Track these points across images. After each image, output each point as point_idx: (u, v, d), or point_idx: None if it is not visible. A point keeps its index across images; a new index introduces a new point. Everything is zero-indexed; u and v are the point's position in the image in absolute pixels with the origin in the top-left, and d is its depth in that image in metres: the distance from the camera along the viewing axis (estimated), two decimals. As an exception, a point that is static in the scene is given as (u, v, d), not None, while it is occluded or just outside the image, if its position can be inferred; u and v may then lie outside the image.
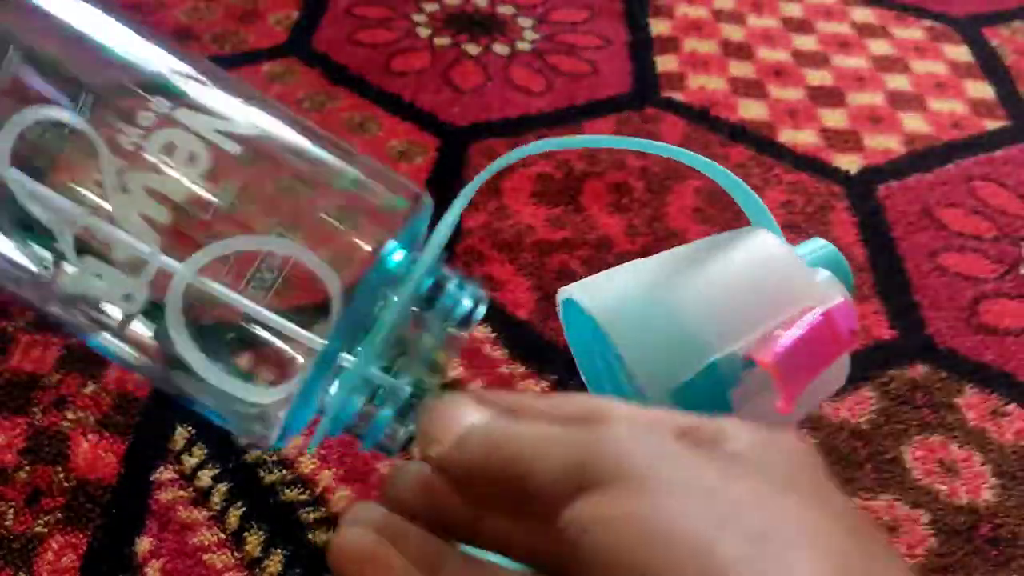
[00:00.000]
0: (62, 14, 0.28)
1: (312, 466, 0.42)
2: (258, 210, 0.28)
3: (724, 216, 0.57)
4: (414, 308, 0.28)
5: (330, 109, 0.65)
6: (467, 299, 0.30)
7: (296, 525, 0.40)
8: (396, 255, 0.28)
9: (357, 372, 0.27)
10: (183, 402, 0.30)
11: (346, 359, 0.27)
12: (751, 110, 0.68)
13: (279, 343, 0.27)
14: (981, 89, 0.71)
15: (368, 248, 0.27)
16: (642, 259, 0.33)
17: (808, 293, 0.30)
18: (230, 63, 0.69)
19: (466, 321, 0.29)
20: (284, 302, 0.27)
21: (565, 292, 0.32)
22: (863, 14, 0.80)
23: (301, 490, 0.42)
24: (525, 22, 0.76)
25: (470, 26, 0.75)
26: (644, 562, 0.16)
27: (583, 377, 0.36)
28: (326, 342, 0.27)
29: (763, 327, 0.29)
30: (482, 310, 0.30)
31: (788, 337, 0.28)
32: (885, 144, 0.65)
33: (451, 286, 0.29)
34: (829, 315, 0.29)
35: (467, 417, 0.23)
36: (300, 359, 0.27)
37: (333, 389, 0.28)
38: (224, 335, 0.28)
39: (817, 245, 0.34)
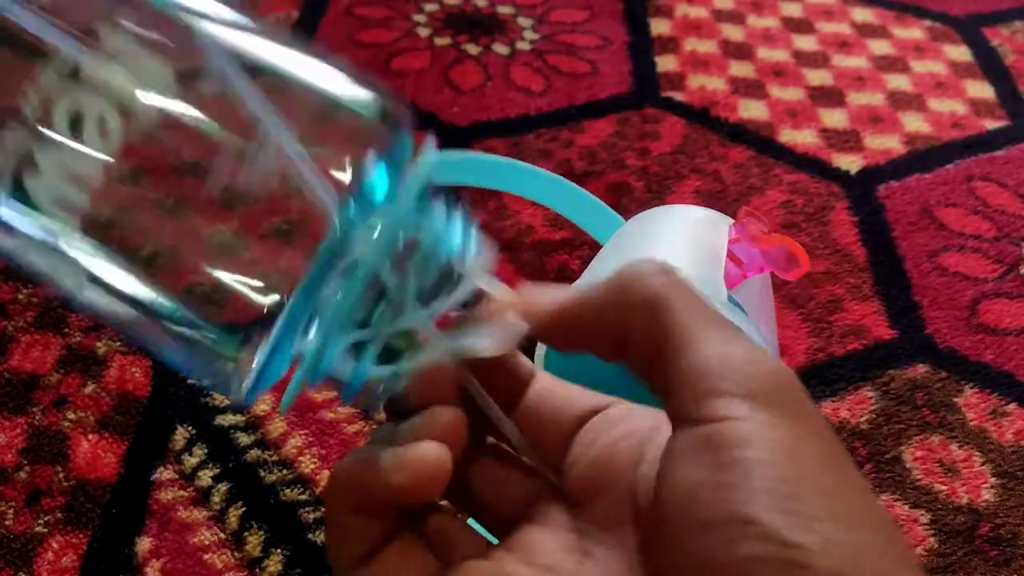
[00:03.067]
0: None
1: (312, 466, 0.42)
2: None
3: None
4: (401, 245, 0.25)
5: (330, 109, 0.65)
6: (456, 227, 0.26)
7: (296, 525, 0.40)
8: (376, 182, 0.25)
9: (334, 315, 0.24)
10: (152, 352, 0.26)
11: (323, 304, 0.24)
12: (751, 110, 0.67)
13: (251, 289, 0.24)
14: (981, 89, 0.71)
15: (346, 176, 0.24)
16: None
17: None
18: (230, 63, 0.69)
19: (460, 253, 0.26)
20: (254, 243, 0.24)
21: None
22: (863, 14, 0.80)
23: (301, 490, 0.42)
24: (525, 22, 0.76)
25: (470, 26, 0.75)
26: None
27: None
28: (297, 288, 0.23)
29: None
30: (474, 241, 0.26)
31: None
32: (885, 144, 0.65)
33: (437, 222, 0.26)
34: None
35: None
36: (273, 302, 0.23)
37: (311, 336, 0.24)
38: (192, 282, 0.24)
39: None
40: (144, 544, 0.39)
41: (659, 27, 0.77)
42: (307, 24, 0.74)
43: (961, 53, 0.75)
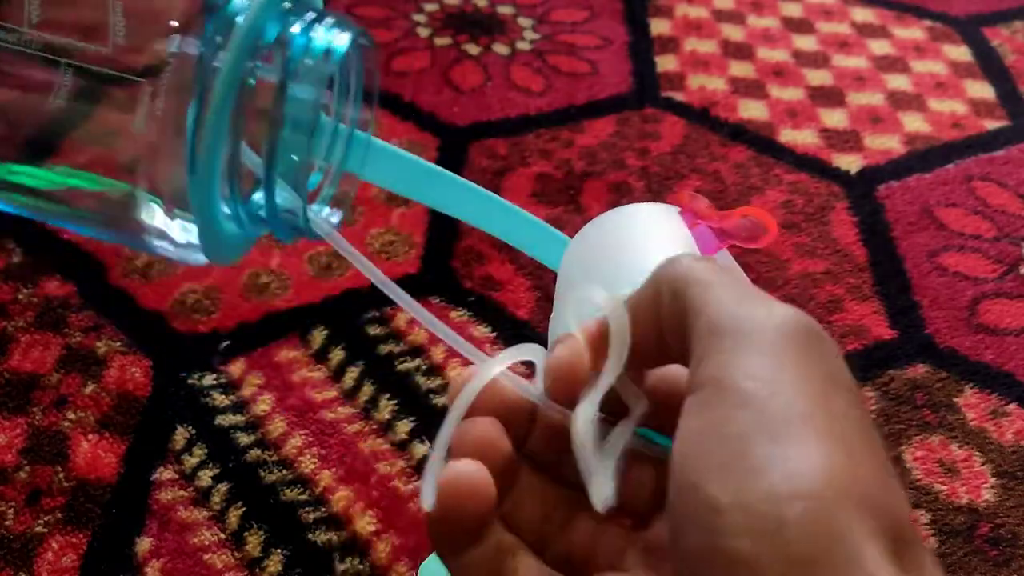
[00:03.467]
0: None
1: (312, 466, 0.42)
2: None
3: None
4: (265, 58, 0.24)
5: (330, 109, 0.65)
6: (323, 34, 0.25)
7: (296, 525, 0.40)
8: None
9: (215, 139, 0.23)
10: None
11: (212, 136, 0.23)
12: (751, 110, 0.67)
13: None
14: (981, 89, 0.71)
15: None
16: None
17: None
18: (230, 63, 0.69)
19: (326, 57, 0.24)
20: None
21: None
22: (863, 14, 0.80)
23: (301, 490, 0.42)
24: (525, 22, 0.76)
25: (470, 26, 0.75)
26: None
27: None
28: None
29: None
30: (344, 43, 0.25)
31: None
32: (885, 144, 0.65)
33: (305, 27, 0.25)
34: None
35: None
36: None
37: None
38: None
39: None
40: (144, 544, 0.39)
41: (659, 27, 0.77)
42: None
43: (961, 53, 0.75)
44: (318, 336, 0.48)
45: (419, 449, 0.43)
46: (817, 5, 0.81)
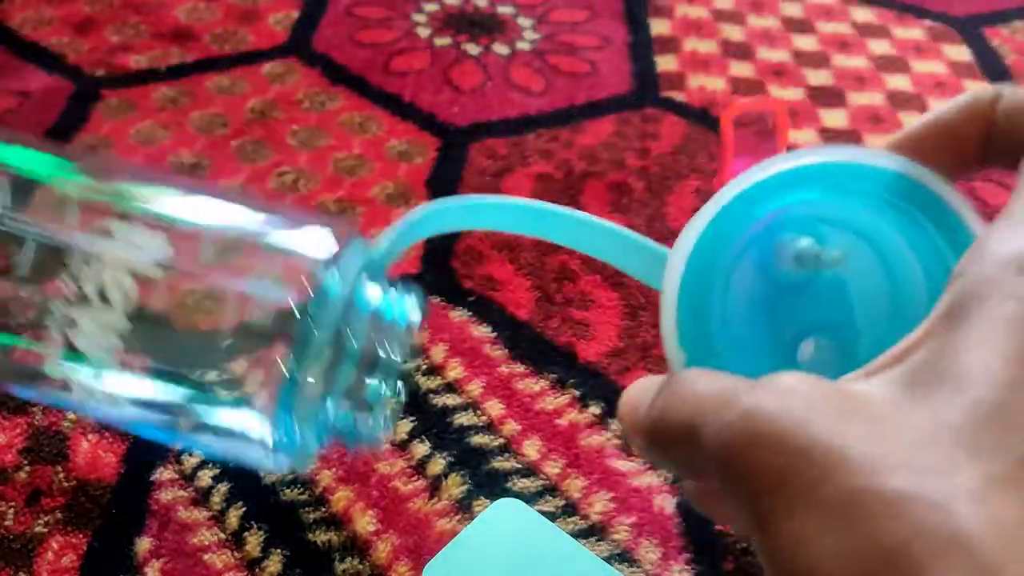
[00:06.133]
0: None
1: (312, 467, 0.42)
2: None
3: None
4: (361, 320, 0.31)
5: (330, 109, 0.65)
6: (402, 306, 0.32)
7: (296, 525, 0.40)
8: (327, 283, 0.31)
9: (306, 382, 0.29)
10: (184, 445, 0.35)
11: (306, 378, 0.30)
12: (751, 110, 0.67)
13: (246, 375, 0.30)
14: (981, 89, 0.71)
15: (310, 272, 0.30)
16: None
17: None
18: (230, 63, 0.69)
19: (408, 327, 0.32)
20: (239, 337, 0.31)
21: None
22: (863, 14, 0.80)
23: (301, 490, 0.42)
24: (525, 22, 0.76)
25: (470, 26, 0.75)
26: None
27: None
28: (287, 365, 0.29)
29: None
30: (417, 315, 0.33)
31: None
32: (885, 144, 0.65)
33: (388, 297, 0.32)
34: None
35: (645, 388, 0.22)
36: (266, 389, 0.30)
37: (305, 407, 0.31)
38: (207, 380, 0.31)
39: None
40: (144, 544, 0.39)
41: (659, 27, 0.77)
42: (307, 24, 0.74)
43: (961, 53, 0.75)
44: (318, 336, 0.49)
45: (419, 449, 0.43)
46: (817, 5, 0.81)
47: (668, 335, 0.27)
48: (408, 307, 0.33)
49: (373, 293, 0.33)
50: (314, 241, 0.32)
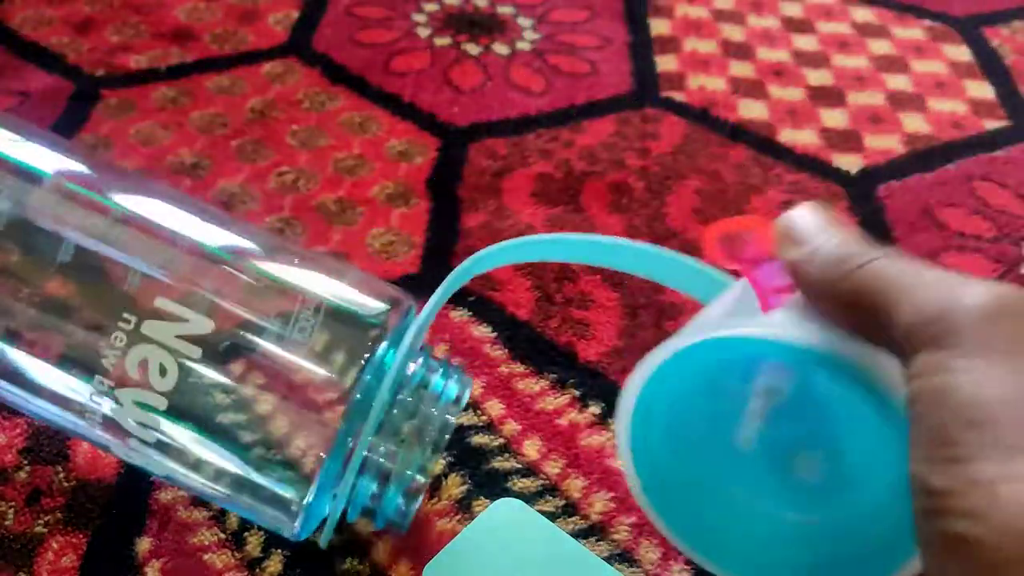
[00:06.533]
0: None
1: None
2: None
3: (724, 217, 0.57)
4: (409, 398, 0.34)
5: (330, 109, 0.65)
6: (452, 384, 0.35)
7: (296, 525, 0.40)
8: (384, 358, 0.33)
9: (360, 453, 0.32)
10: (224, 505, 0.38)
11: (354, 446, 0.32)
12: (751, 110, 0.68)
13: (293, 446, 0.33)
14: (981, 89, 0.71)
15: (363, 352, 0.33)
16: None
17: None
18: (230, 63, 0.69)
19: (456, 403, 0.35)
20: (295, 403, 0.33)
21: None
22: (863, 14, 0.80)
23: (301, 490, 0.42)
24: (525, 22, 0.76)
25: (470, 26, 0.75)
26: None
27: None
28: (339, 430, 0.32)
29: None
30: (467, 394, 0.36)
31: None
32: (885, 144, 0.65)
33: (437, 375, 0.35)
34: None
35: (827, 227, 0.23)
36: (314, 454, 0.32)
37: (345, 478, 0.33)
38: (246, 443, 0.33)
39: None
40: (144, 544, 0.39)
41: (659, 27, 0.77)
42: (307, 24, 0.74)
43: (961, 53, 0.75)
44: (318, 336, 0.48)
45: (419, 449, 0.43)
46: (817, 5, 0.81)
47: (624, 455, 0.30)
48: (453, 384, 0.35)
49: (428, 371, 0.36)
50: (373, 311, 0.34)
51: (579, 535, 0.40)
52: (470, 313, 0.50)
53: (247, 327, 0.33)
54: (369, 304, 0.34)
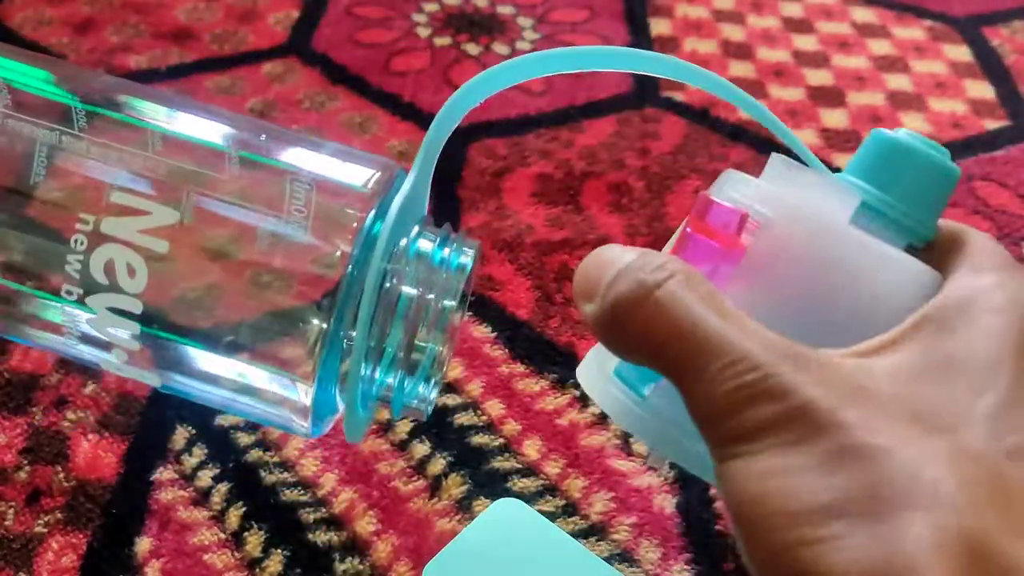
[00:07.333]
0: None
1: (314, 468, 0.42)
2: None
3: (724, 216, 0.57)
4: (414, 272, 0.30)
5: (330, 109, 0.65)
6: (451, 250, 0.31)
7: (296, 525, 0.40)
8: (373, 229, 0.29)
9: (361, 341, 0.28)
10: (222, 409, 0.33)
11: (350, 334, 0.28)
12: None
13: (287, 340, 0.29)
14: (981, 89, 0.71)
15: (352, 224, 0.29)
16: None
17: None
18: (230, 63, 0.69)
19: (460, 271, 0.31)
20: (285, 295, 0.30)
21: None
22: (863, 14, 0.80)
23: (302, 491, 0.42)
24: (525, 22, 0.76)
25: (470, 26, 0.75)
26: None
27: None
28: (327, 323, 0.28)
29: None
30: (469, 258, 0.31)
31: None
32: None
33: (435, 243, 0.31)
34: None
35: (621, 260, 0.21)
36: (309, 346, 0.29)
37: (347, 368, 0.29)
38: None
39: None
40: (144, 544, 0.39)
41: (659, 27, 0.77)
42: (307, 24, 0.74)
43: (961, 53, 0.75)
44: (318, 336, 0.48)
45: (419, 449, 0.43)
46: (817, 5, 0.81)
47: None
48: (458, 250, 0.31)
49: (423, 242, 0.31)
50: (357, 181, 0.31)
51: (579, 535, 0.40)
52: (470, 313, 0.50)
53: (224, 213, 0.30)
54: (355, 174, 0.31)
